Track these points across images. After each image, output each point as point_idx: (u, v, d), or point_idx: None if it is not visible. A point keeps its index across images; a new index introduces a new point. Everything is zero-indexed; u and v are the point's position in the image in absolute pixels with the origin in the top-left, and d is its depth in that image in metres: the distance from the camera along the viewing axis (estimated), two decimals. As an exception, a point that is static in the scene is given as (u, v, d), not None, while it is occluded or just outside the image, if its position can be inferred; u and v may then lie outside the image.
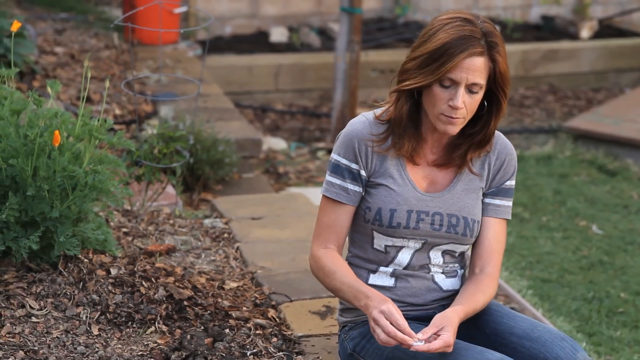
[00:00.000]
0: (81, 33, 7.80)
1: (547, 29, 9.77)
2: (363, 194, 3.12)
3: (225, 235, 4.42)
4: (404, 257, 3.12)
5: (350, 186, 3.10)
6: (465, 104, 2.97)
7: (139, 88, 6.78)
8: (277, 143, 7.31)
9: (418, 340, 2.84)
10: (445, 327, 2.88)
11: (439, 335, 2.87)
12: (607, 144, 7.59)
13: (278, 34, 9.01)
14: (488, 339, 3.11)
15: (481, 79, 2.96)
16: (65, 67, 6.86)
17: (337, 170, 3.10)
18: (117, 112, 6.33)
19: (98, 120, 3.70)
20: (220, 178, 5.83)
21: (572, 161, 7.37)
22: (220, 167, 5.72)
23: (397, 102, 3.06)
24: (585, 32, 9.59)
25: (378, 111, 3.11)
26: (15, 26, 3.71)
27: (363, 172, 3.09)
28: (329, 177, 3.12)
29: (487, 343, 3.07)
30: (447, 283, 3.18)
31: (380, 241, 3.12)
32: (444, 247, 3.13)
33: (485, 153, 3.13)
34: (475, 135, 3.08)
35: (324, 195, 3.13)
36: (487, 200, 3.16)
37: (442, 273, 3.17)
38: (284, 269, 4.09)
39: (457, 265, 3.20)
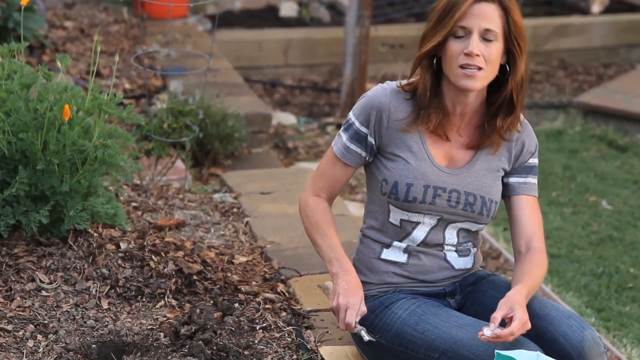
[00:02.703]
0: (91, 7, 7.79)
1: (558, 4, 9.72)
2: (368, 160, 3.13)
3: (235, 209, 4.43)
4: (419, 233, 3.12)
5: (353, 147, 3.12)
6: (483, 54, 2.95)
7: (149, 62, 6.77)
8: (286, 118, 7.29)
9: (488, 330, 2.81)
10: (513, 307, 2.85)
11: (511, 318, 2.83)
12: (618, 120, 7.56)
13: (288, 9, 8.97)
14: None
15: (494, 26, 2.95)
16: (74, 42, 6.85)
17: (348, 128, 3.13)
18: (127, 86, 6.32)
19: (108, 95, 3.70)
20: (229, 153, 5.82)
21: (582, 137, 7.34)
22: (230, 142, 5.71)
23: (420, 76, 3.06)
24: (596, 7, 9.54)
25: (403, 81, 3.11)
26: (25, 0, 3.70)
27: (371, 139, 3.10)
28: (340, 132, 3.15)
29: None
30: (459, 262, 3.18)
31: (396, 215, 3.11)
32: (460, 225, 3.13)
33: (515, 129, 3.10)
34: (498, 100, 3.05)
35: (331, 146, 3.17)
36: (513, 179, 3.17)
37: (455, 252, 3.17)
38: (293, 243, 4.09)
39: (470, 244, 3.20)
